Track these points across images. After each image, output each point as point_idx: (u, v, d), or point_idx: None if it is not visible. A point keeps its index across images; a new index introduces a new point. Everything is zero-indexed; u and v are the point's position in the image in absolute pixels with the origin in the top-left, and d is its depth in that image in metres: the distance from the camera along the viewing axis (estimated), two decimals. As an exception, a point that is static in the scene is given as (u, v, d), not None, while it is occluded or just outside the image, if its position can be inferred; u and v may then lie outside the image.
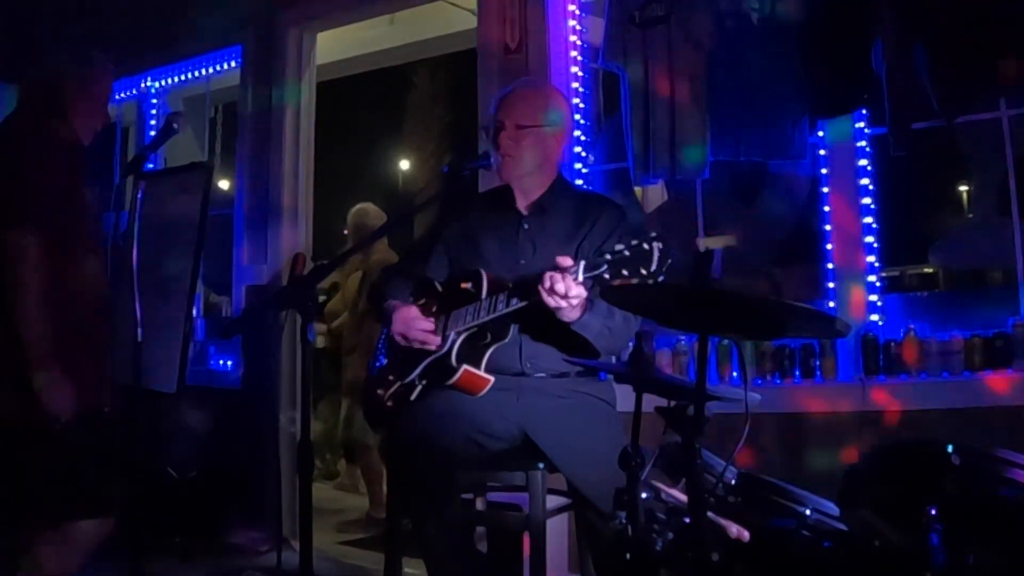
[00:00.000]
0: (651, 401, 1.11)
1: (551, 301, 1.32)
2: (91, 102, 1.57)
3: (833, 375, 1.88)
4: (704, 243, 2.14)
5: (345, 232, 3.12)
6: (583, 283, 1.28)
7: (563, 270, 1.29)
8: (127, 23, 3.11)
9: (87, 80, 1.57)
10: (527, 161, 1.52)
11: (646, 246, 1.19)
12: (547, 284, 1.30)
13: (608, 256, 1.23)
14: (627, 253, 1.21)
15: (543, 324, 1.42)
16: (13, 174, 1.39)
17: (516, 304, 1.39)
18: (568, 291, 1.29)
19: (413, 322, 1.49)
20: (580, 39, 2.25)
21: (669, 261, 1.19)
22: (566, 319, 1.37)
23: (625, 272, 1.20)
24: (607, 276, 1.22)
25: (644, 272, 1.19)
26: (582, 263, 1.27)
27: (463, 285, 1.49)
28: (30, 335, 1.32)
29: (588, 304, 1.37)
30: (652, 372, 1.20)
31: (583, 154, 2.23)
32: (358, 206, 3.15)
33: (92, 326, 1.50)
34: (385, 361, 1.60)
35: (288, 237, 2.69)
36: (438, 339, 1.48)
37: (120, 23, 3.13)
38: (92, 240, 1.51)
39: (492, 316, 1.43)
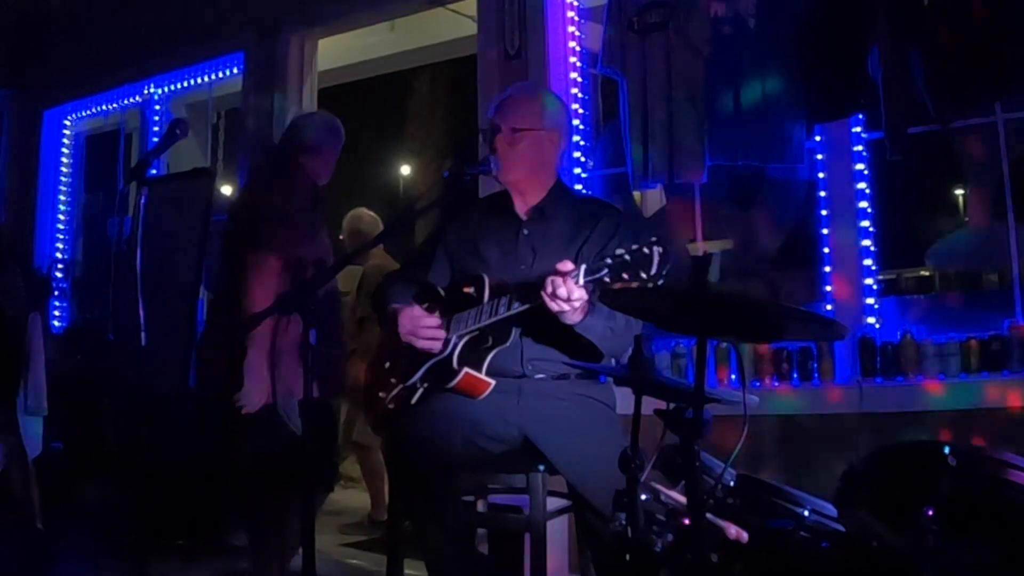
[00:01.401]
0: (650, 404, 1.12)
1: (553, 305, 1.33)
2: (324, 158, 1.95)
3: (831, 377, 1.90)
4: (702, 247, 2.16)
5: (340, 237, 3.13)
6: (584, 286, 1.29)
7: (563, 275, 1.30)
8: (130, 30, 3.14)
9: (325, 140, 1.96)
10: (523, 163, 1.54)
11: (646, 250, 1.20)
12: (549, 288, 1.32)
13: (609, 260, 1.24)
14: (627, 257, 1.22)
15: (544, 327, 1.43)
16: (264, 206, 1.79)
17: (518, 308, 1.41)
18: (570, 294, 1.30)
19: (419, 320, 1.51)
20: (579, 45, 2.27)
21: (669, 265, 1.20)
22: (569, 322, 1.38)
23: (625, 276, 1.21)
24: (607, 280, 1.24)
25: (644, 276, 1.20)
26: (583, 267, 1.28)
27: (465, 289, 1.51)
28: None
29: (590, 307, 1.39)
30: (651, 375, 1.21)
31: (582, 159, 2.25)
32: (352, 212, 3.16)
33: None
34: (387, 364, 1.61)
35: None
36: (444, 333, 1.49)
37: (123, 30, 3.16)
38: (324, 261, 1.86)
39: (494, 319, 1.44)
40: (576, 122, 2.21)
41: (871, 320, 1.90)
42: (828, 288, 1.94)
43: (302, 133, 1.94)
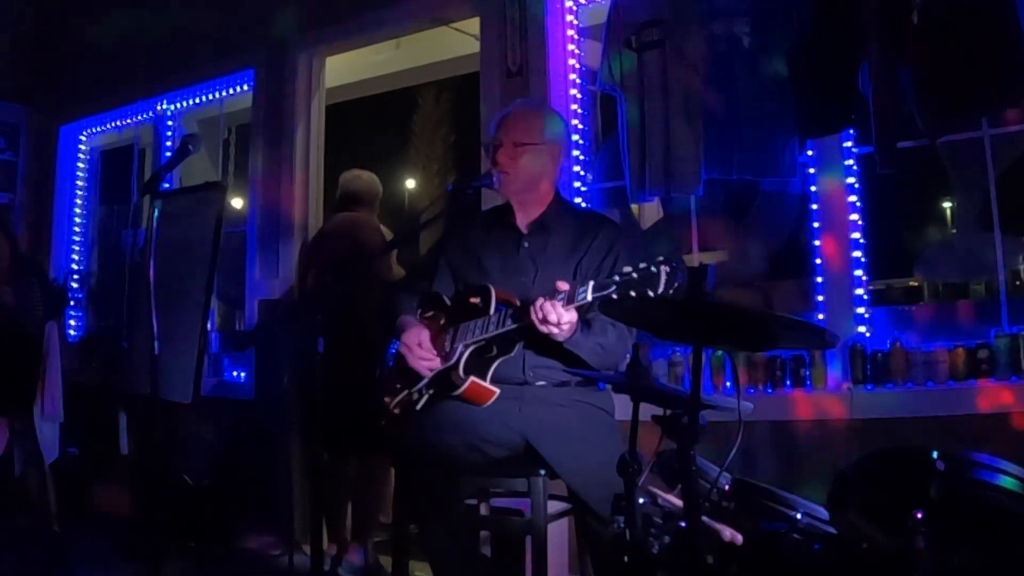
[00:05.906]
0: (648, 410, 1.16)
1: (542, 328, 1.39)
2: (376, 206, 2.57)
3: (822, 384, 1.93)
4: (698, 258, 2.21)
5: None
6: (592, 302, 1.33)
7: (552, 300, 1.35)
8: (144, 49, 3.22)
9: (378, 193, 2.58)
10: (524, 177, 1.58)
11: (654, 269, 1.23)
12: (539, 314, 1.37)
13: (617, 277, 1.27)
14: (635, 275, 1.25)
15: (545, 338, 1.47)
16: (364, 250, 2.33)
17: (510, 324, 1.46)
18: (559, 319, 1.36)
19: (416, 350, 1.55)
20: (579, 63, 2.32)
21: (677, 284, 1.22)
22: (558, 340, 1.44)
23: (633, 293, 1.24)
24: (615, 296, 1.27)
25: (652, 294, 1.23)
26: (591, 283, 1.32)
27: (472, 300, 1.55)
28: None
29: (580, 325, 1.44)
30: (649, 382, 1.24)
31: (582, 173, 2.30)
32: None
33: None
34: (393, 369, 1.66)
35: (298, 253, 2.76)
36: (432, 371, 1.53)
37: (137, 48, 3.23)
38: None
39: (501, 331, 1.48)
40: (576, 137, 2.27)
41: (862, 329, 1.94)
42: (820, 298, 1.98)
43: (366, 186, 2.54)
